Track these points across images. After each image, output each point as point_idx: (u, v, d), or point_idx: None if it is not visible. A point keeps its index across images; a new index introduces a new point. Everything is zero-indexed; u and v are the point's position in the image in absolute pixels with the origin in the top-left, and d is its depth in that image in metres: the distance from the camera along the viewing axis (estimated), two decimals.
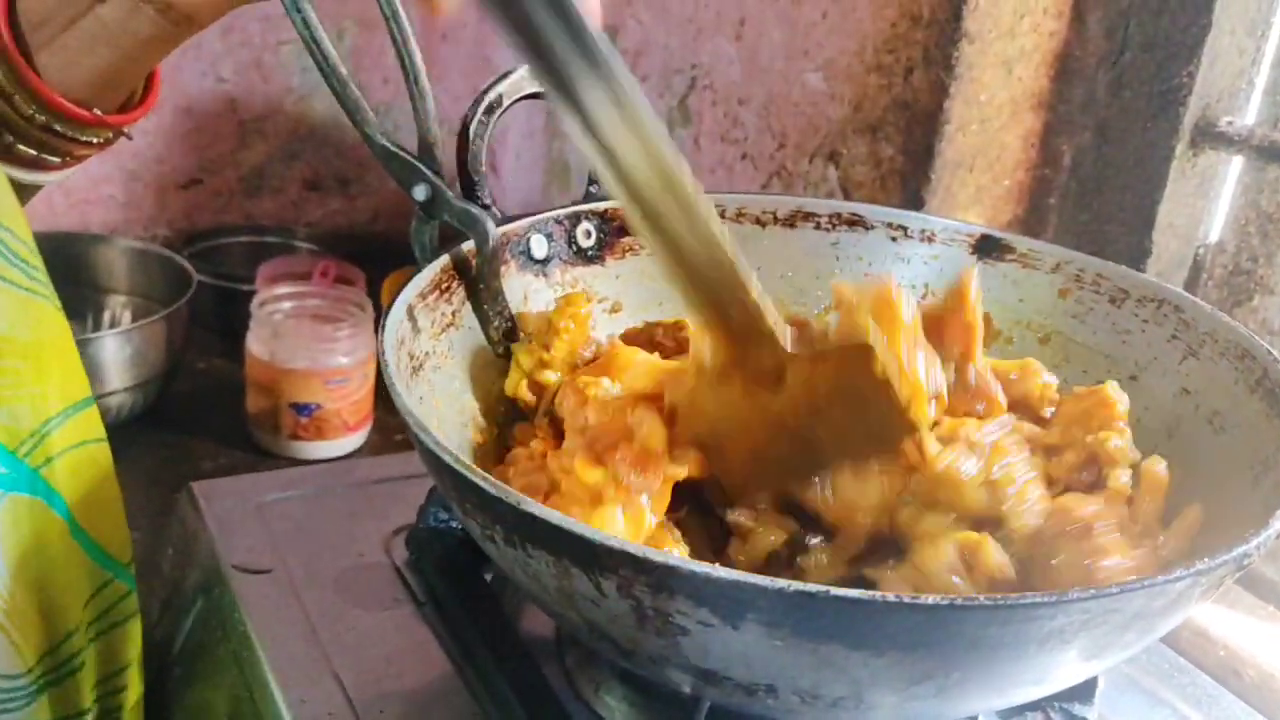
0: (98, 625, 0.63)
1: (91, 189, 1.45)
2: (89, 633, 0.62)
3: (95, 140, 0.59)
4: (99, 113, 0.57)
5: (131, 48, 0.55)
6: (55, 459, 0.58)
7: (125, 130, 0.60)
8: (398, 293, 0.57)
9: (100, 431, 0.62)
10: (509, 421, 0.62)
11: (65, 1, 0.54)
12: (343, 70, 0.55)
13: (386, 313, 0.55)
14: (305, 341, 1.14)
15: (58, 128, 0.56)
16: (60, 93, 0.55)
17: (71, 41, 0.55)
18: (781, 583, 0.39)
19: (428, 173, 0.57)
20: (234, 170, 1.55)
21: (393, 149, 0.56)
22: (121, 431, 1.15)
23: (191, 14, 0.55)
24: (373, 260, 1.34)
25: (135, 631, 0.66)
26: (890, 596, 0.39)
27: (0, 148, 0.57)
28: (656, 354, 0.62)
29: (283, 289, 1.19)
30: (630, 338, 0.66)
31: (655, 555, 0.40)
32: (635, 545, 0.40)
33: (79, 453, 0.60)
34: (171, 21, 0.54)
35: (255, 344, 1.16)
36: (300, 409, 1.15)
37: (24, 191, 0.59)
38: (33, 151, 0.57)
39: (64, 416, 0.58)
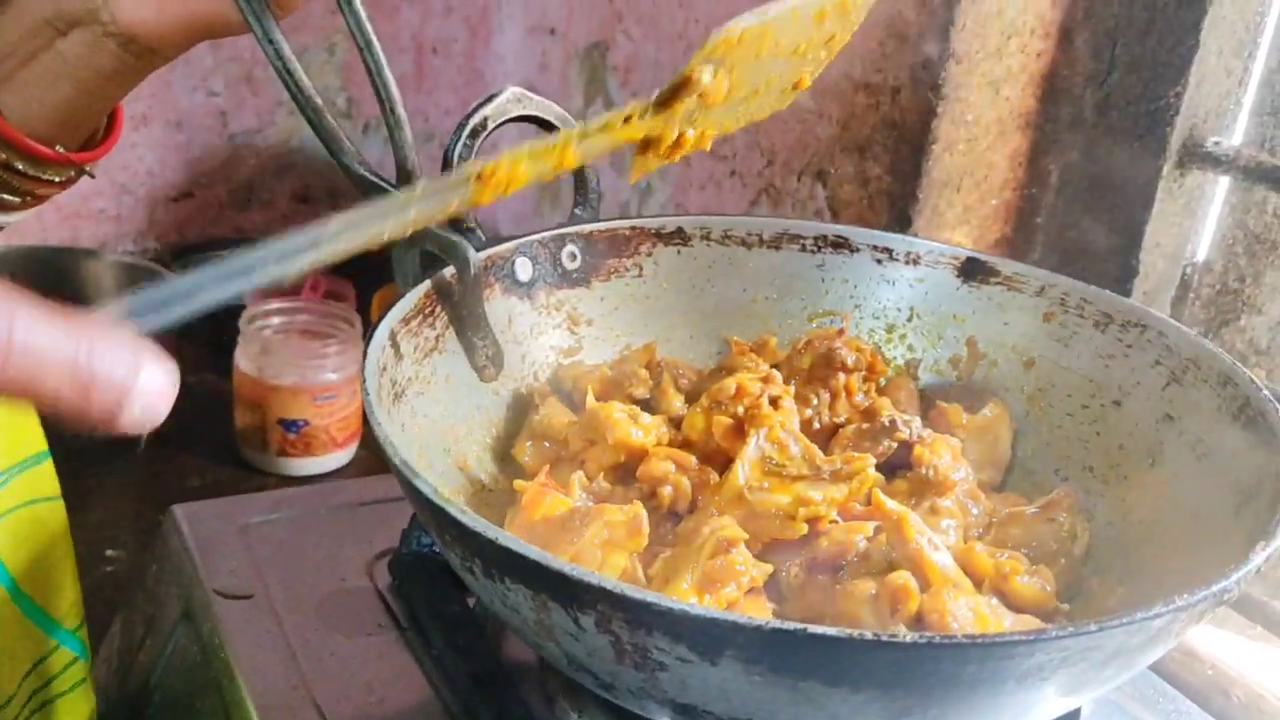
0: (41, 695, 0.60)
1: (82, 203, 1.45)
2: (32, 704, 0.59)
3: (57, 179, 0.57)
4: (62, 150, 0.55)
5: (94, 82, 0.54)
6: None
7: (88, 168, 0.58)
8: (387, 309, 0.56)
9: (54, 489, 0.59)
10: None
11: (25, 36, 0.52)
12: (318, 100, 0.54)
13: (368, 339, 0.54)
14: (294, 357, 1.14)
15: (19, 166, 0.54)
16: (21, 130, 0.53)
17: (32, 77, 0.53)
18: (759, 620, 0.39)
19: None
20: (224, 184, 1.55)
21: (370, 178, 0.56)
22: (108, 447, 1.15)
23: (156, 47, 0.53)
24: (363, 275, 1.33)
25: (79, 701, 0.63)
26: (866, 634, 0.38)
27: None
28: (630, 405, 0.62)
29: (272, 304, 1.19)
30: (602, 391, 0.65)
31: (632, 592, 0.40)
32: (613, 581, 0.40)
33: (25, 513, 0.58)
34: (134, 55, 0.53)
35: (244, 360, 1.16)
36: (288, 425, 1.15)
37: None
38: None
39: (8, 475, 0.56)
